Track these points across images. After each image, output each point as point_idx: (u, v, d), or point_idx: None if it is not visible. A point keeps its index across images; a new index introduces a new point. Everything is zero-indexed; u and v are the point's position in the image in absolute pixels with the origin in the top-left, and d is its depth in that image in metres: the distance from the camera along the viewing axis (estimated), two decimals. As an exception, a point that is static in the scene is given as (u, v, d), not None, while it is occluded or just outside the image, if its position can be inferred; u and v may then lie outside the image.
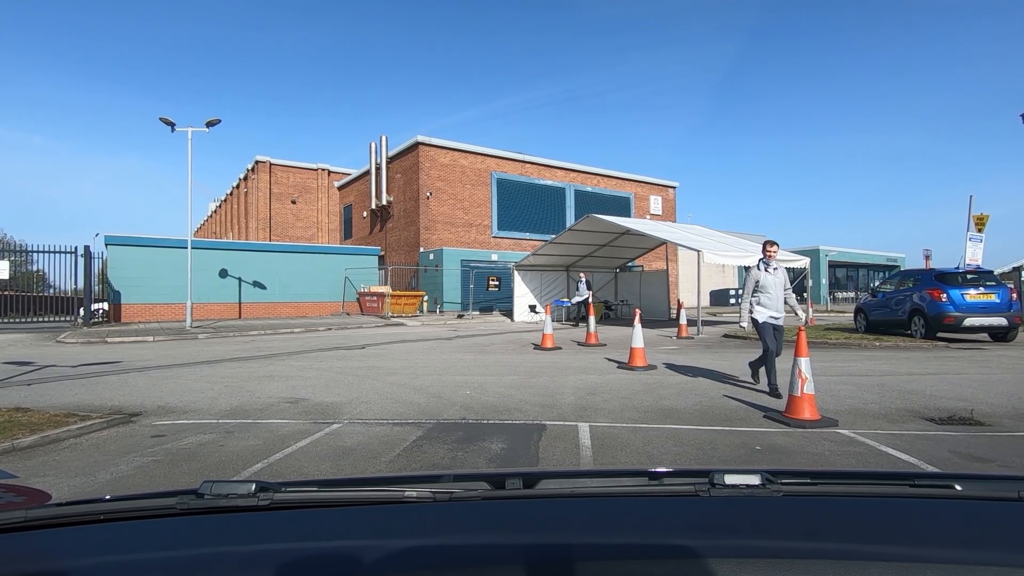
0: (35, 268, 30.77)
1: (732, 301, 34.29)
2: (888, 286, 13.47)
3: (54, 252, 17.65)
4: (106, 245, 19.28)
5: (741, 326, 7.02)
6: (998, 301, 10.70)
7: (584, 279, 17.97)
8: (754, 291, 6.72)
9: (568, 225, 24.90)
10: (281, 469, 3.83)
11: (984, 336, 11.45)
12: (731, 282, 36.74)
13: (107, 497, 0.94)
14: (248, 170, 36.04)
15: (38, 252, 18.12)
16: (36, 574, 0.76)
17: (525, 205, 28.84)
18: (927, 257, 33.18)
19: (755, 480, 0.91)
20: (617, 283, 24.30)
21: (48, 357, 10.17)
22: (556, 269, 22.03)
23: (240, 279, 21.57)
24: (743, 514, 0.86)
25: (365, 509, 0.92)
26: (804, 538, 0.78)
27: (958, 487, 0.92)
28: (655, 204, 33.74)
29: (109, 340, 12.67)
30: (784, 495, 0.89)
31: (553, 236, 21.46)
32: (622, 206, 31.98)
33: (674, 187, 35.09)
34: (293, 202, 34.43)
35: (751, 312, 6.74)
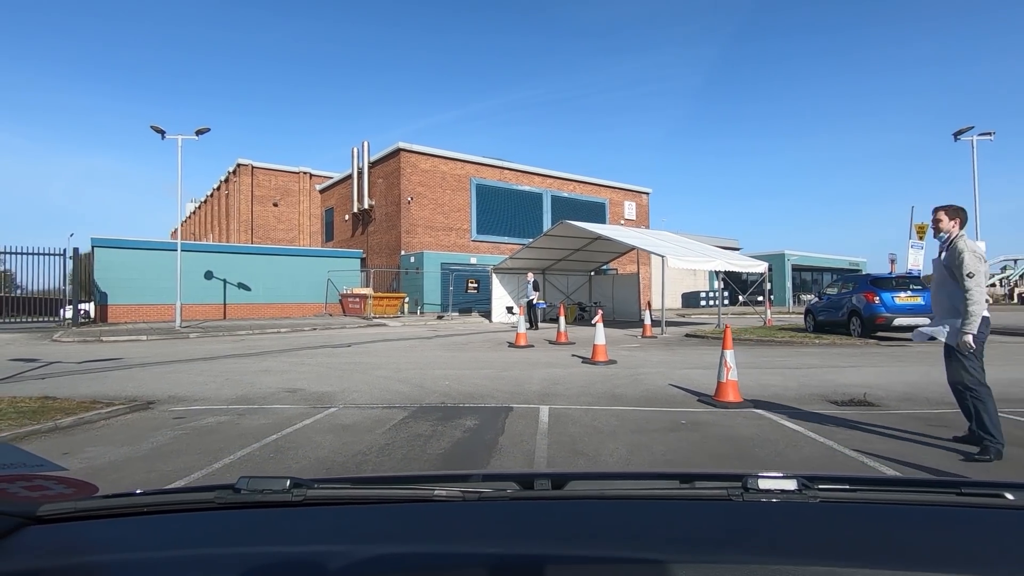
0: (1, 268, 30.65)
1: (703, 303, 35.72)
2: (832, 289, 14.73)
3: (40, 254, 18.01)
4: (92, 247, 19.67)
5: None
6: (923, 303, 11.96)
7: (531, 280, 18.33)
8: None
9: (545, 230, 25.92)
10: (293, 439, 4.67)
11: (910, 335, 12.70)
12: (703, 285, 38.19)
13: (150, 491, 1.00)
14: (230, 172, 36.32)
15: (22, 254, 18.43)
16: (85, 563, 0.79)
17: (503, 210, 29.79)
18: (892, 261, 34.97)
19: (790, 485, 0.89)
20: (591, 286, 25.40)
21: (50, 355, 10.76)
22: (533, 272, 22.99)
23: (225, 281, 22.12)
24: (778, 520, 0.84)
25: (395, 507, 0.93)
26: (843, 547, 0.76)
27: (1009, 496, 0.88)
28: (629, 209, 34.97)
29: (104, 339, 13.24)
30: (821, 501, 0.87)
31: (530, 240, 22.43)
32: (597, 211, 33.14)
33: (647, 193, 36.39)
34: (275, 205, 34.85)
35: None
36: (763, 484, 0.89)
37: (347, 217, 31.50)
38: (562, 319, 13.31)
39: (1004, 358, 9.35)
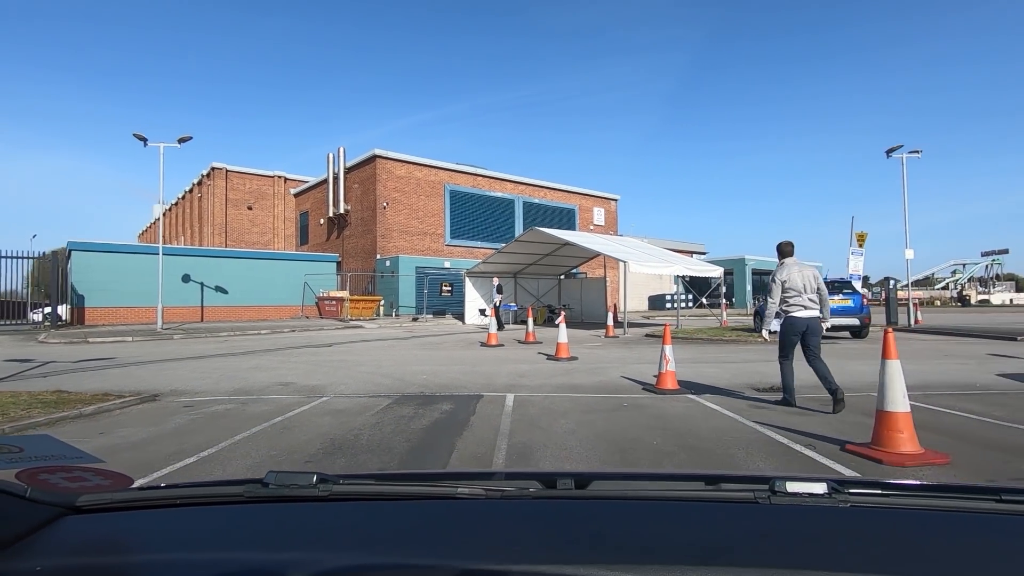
0: None
1: (668, 306, 37.23)
2: (778, 293, 16.09)
3: (18, 257, 18.18)
4: (69, 250, 19.87)
5: None
6: (853, 306, 13.35)
7: (496, 284, 19.13)
8: None
9: (517, 235, 26.93)
10: (296, 420, 5.50)
11: (846, 333, 14.12)
12: (668, 288, 39.74)
13: (181, 483, 1.04)
14: (203, 175, 36.36)
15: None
16: (121, 552, 0.83)
17: (477, 215, 30.71)
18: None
19: (820, 489, 0.87)
20: (560, 289, 26.49)
21: (42, 355, 11.24)
22: (505, 276, 23.96)
23: (202, 284, 22.49)
24: (806, 525, 0.83)
25: (419, 503, 0.95)
26: (875, 555, 0.73)
27: None
28: (598, 215, 36.29)
29: (91, 340, 13.69)
30: (852, 506, 0.86)
31: (503, 245, 23.39)
32: (567, 217, 34.34)
33: (615, 200, 37.78)
34: (249, 208, 35.05)
35: None
36: (791, 487, 0.87)
37: (322, 221, 31.98)
38: (530, 320, 14.31)
39: (923, 353, 10.71)
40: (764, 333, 6.08)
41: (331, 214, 30.19)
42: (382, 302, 25.32)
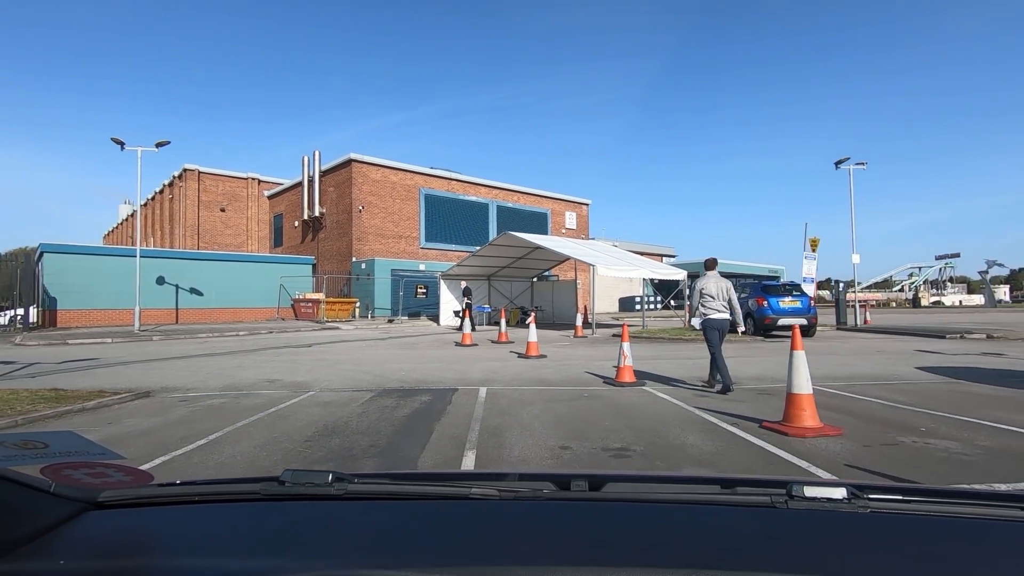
0: None
1: (637, 307, 38.39)
2: (736, 294, 17.16)
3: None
4: (41, 252, 19.79)
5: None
6: (801, 306, 14.43)
7: (463, 286, 19.85)
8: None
9: (490, 239, 27.61)
10: (288, 411, 6.07)
11: (796, 333, 15.22)
12: (638, 291, 40.94)
13: (200, 480, 1.07)
14: (175, 177, 36.08)
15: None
16: (141, 547, 0.85)
17: (451, 219, 31.32)
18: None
19: (839, 494, 0.86)
20: (533, 291, 27.28)
21: (24, 357, 11.46)
22: (479, 278, 24.63)
23: (177, 286, 22.57)
24: (824, 530, 0.81)
25: (432, 503, 0.96)
26: (896, 562, 0.72)
27: None
28: (570, 219, 37.25)
29: (69, 342, 13.85)
30: (871, 512, 0.84)
31: (477, 248, 24.04)
32: (540, 221, 35.20)
33: (587, 204, 38.81)
34: (222, 210, 34.93)
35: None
36: (809, 491, 0.86)
37: (297, 223, 32.13)
38: (503, 321, 15.02)
39: (860, 350, 11.77)
40: (695, 322, 7.78)
41: (306, 217, 30.39)
42: (358, 304, 25.70)
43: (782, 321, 14.37)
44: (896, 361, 10.01)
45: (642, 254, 40.69)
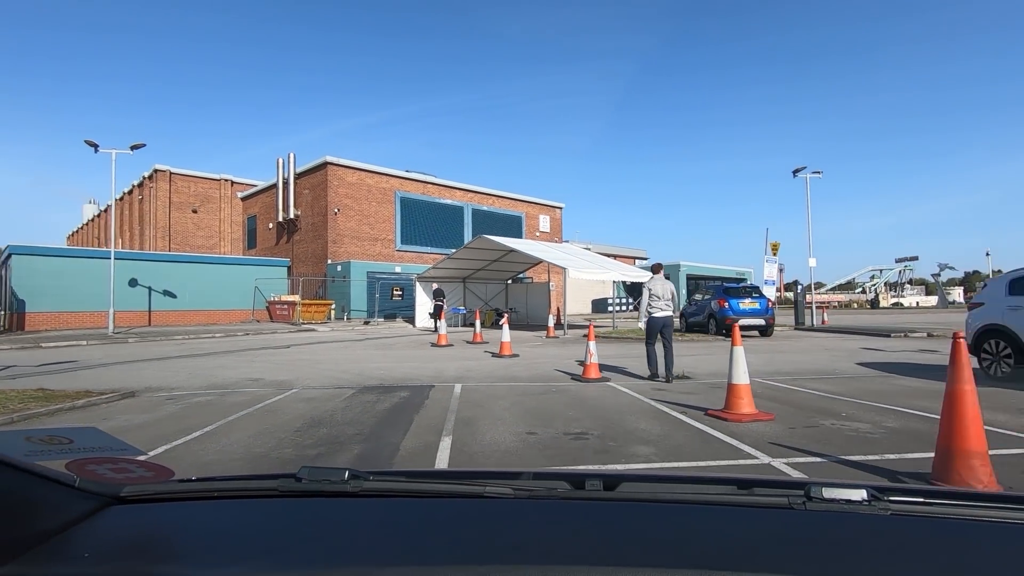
0: None
1: (609, 309, 39.29)
2: (700, 296, 18.00)
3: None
4: (9, 254, 19.52)
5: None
6: (759, 307, 15.30)
7: (434, 288, 20.32)
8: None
9: (466, 241, 28.07)
10: (275, 406, 6.47)
11: (755, 332, 16.10)
12: (610, 293, 41.86)
13: (219, 476, 1.08)
14: (145, 177, 35.59)
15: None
16: (162, 541, 0.87)
17: (427, 222, 31.68)
18: (780, 270, 40.33)
19: (859, 496, 0.85)
20: (508, 293, 27.83)
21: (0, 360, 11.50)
22: (454, 280, 25.07)
23: (150, 288, 22.44)
24: (844, 533, 0.80)
25: (447, 501, 0.97)
26: (919, 566, 0.71)
27: None
28: (544, 223, 37.94)
29: (44, 345, 13.84)
30: (892, 514, 0.83)
31: (453, 251, 24.47)
32: (514, 224, 35.80)
33: (560, 208, 39.57)
34: (194, 211, 34.61)
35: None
36: (828, 493, 0.86)
37: (271, 225, 32.07)
38: (478, 322, 15.52)
39: (811, 347, 12.61)
40: (640, 324, 8.69)
41: (281, 219, 30.39)
42: (334, 306, 25.87)
43: (742, 321, 15.15)
44: (841, 358, 10.84)
45: (615, 256, 41.71)
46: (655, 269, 8.93)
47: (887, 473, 3.67)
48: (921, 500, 0.87)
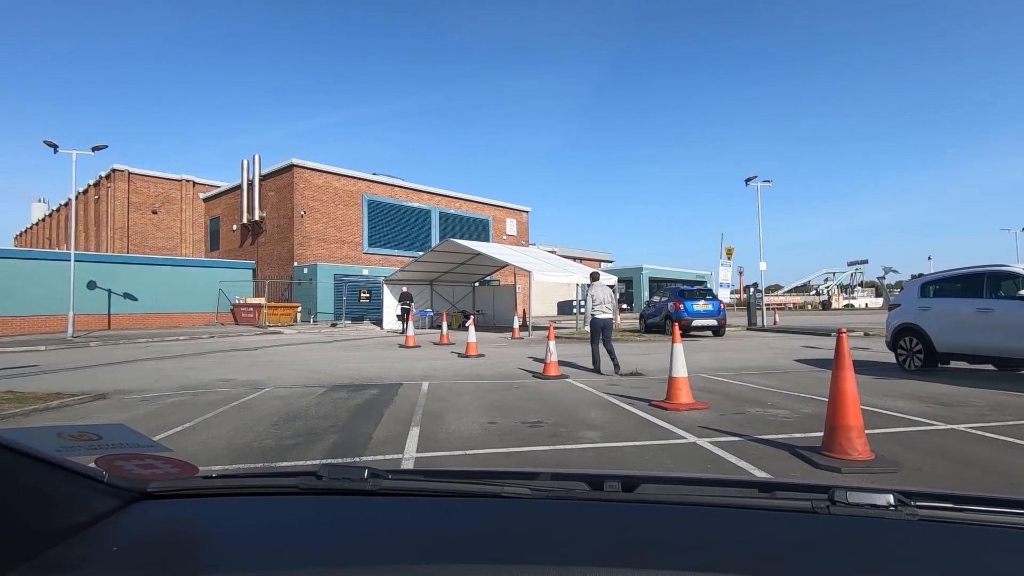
0: None
1: (574, 311, 40.17)
2: (657, 298, 18.86)
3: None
4: (-41, 257, 18.92)
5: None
6: (712, 309, 16.21)
7: (402, 291, 20.67)
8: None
9: (433, 244, 28.40)
10: (249, 404, 6.79)
11: (708, 332, 17.02)
12: (575, 295, 42.78)
13: (241, 473, 1.17)
14: (101, 177, 34.61)
15: None
16: (187, 536, 0.89)
17: (394, 224, 31.86)
18: (740, 273, 41.84)
19: (885, 500, 0.84)
20: (475, 295, 28.29)
21: (-43, 363, 11.33)
22: (422, 283, 25.39)
23: (110, 291, 22.01)
24: (869, 539, 0.78)
25: (465, 501, 0.97)
26: (946, 573, 0.70)
27: None
28: (511, 226, 38.53)
29: None
30: (920, 520, 0.81)
31: (420, 254, 24.78)
32: (482, 228, 36.27)
33: (527, 211, 40.25)
34: (154, 212, 33.86)
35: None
36: (852, 497, 0.84)
37: (235, 227, 31.69)
38: (445, 324, 15.95)
39: (757, 346, 13.50)
40: (585, 327, 9.92)
41: (245, 220, 30.08)
42: (300, 308, 25.83)
43: (696, 322, 16.08)
44: (782, 355, 11.73)
45: (581, 259, 42.64)
46: (594, 277, 10.12)
47: (787, 447, 4.33)
48: (951, 506, 0.85)
